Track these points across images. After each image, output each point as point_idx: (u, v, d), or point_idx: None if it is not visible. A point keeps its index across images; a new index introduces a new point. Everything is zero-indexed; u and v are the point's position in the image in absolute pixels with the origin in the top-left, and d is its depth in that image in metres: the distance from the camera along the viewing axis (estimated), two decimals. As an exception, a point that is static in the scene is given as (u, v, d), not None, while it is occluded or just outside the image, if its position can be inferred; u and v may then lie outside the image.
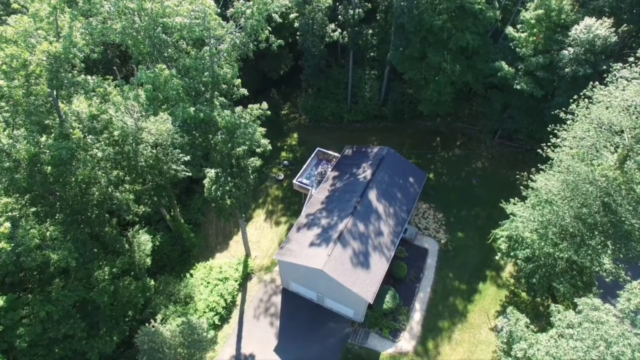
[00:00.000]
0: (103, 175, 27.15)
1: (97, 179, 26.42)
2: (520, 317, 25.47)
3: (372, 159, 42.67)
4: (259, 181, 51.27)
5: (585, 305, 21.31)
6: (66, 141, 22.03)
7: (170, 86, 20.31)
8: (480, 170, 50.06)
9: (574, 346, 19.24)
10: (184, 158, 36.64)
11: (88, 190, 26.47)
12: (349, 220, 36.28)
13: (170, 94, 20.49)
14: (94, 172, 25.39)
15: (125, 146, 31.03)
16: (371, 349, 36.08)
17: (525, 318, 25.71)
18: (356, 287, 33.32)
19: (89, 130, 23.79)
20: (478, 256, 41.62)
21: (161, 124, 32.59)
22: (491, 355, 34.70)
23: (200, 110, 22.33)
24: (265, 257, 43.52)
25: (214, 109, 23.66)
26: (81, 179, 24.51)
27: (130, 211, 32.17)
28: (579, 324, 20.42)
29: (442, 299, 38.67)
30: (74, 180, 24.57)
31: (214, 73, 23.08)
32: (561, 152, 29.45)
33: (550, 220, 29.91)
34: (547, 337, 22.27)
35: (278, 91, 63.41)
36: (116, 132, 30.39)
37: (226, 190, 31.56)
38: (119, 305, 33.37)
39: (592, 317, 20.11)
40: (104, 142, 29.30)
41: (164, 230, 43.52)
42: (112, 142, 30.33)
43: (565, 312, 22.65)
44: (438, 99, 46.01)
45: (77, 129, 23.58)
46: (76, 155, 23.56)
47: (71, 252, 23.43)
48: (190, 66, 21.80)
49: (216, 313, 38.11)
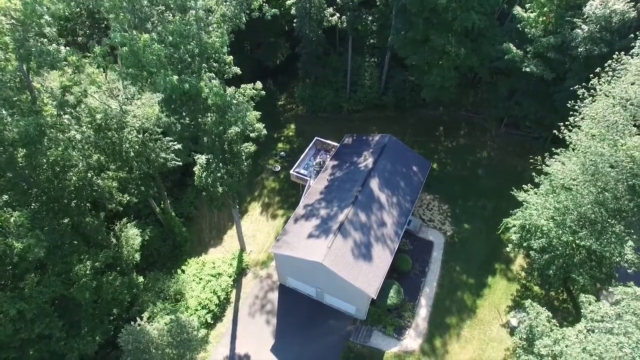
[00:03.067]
0: (80, 158, 24.71)
1: (73, 162, 23.98)
2: (541, 311, 23.22)
3: (373, 147, 40.40)
4: (255, 173, 48.98)
5: (623, 295, 19.02)
6: (34, 116, 19.65)
7: (150, 51, 18.01)
8: (486, 159, 47.86)
9: (618, 342, 16.90)
10: (175, 146, 34.36)
11: (64, 175, 24.05)
12: (350, 210, 33.98)
13: (149, 59, 18.15)
14: (67, 153, 22.95)
15: (108, 131, 28.67)
16: (374, 348, 33.78)
17: (547, 311, 23.46)
18: (358, 281, 31.01)
19: (60, 104, 21.37)
20: (486, 248, 39.39)
21: (148, 108, 30.24)
22: (504, 353, 32.47)
23: (185, 80, 20.01)
24: (261, 251, 41.16)
25: (201, 79, 21.31)
26: (53, 160, 22.08)
27: (113, 200, 29.74)
28: (618, 316, 18.17)
29: (449, 294, 36.41)
30: (45, 162, 22.14)
31: (201, 41, 20.75)
32: (580, 132, 27.26)
33: (567, 207, 27.71)
34: (576, 332, 20.04)
35: (274, 81, 61.09)
36: (98, 116, 28.07)
37: (218, 177, 29.23)
38: (103, 303, 30.97)
39: (635, 308, 17.75)
40: (85, 125, 26.96)
41: (154, 225, 41.10)
42: (95, 125, 28.02)
43: (599, 303, 20.39)
44: (441, 84, 43.75)
45: (50, 106, 21.16)
46: (47, 133, 21.17)
47: (40, 241, 21.00)
48: (175, 30, 19.46)
49: (209, 311, 35.71)
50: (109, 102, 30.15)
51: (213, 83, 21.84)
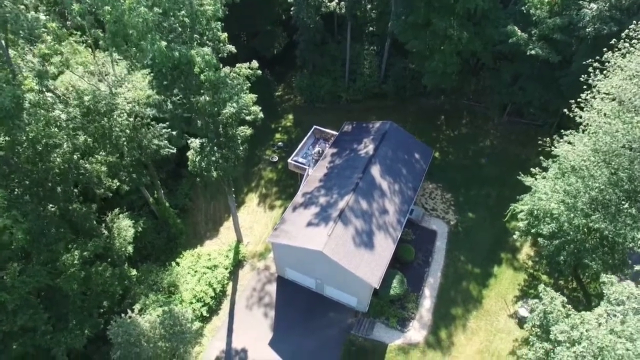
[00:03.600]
0: (64, 137, 23.24)
1: (56, 141, 22.50)
2: (555, 296, 21.91)
3: (374, 134, 39.05)
4: (252, 164, 47.63)
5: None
6: (10, 87, 18.19)
7: (136, 14, 16.58)
8: (489, 148, 46.61)
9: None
10: (167, 132, 32.95)
11: (47, 156, 22.58)
12: (351, 197, 32.62)
13: (135, 22, 16.70)
14: (49, 130, 21.47)
15: (97, 114, 27.25)
16: (377, 341, 32.46)
17: (561, 297, 22.18)
18: (360, 270, 29.67)
19: (39, 74, 19.89)
20: (491, 237, 38.12)
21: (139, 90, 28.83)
22: (512, 345, 31.20)
23: (175, 49, 18.62)
24: (259, 243, 39.75)
25: (192, 48, 19.89)
26: (33, 136, 20.63)
27: (102, 185, 28.27)
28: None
29: (454, 284, 35.12)
30: (25, 139, 20.68)
31: (192, 8, 19.32)
32: (592, 110, 26.00)
33: (578, 189, 26.44)
34: (595, 316, 18.78)
35: (272, 72, 59.64)
36: (86, 98, 26.63)
37: (212, 162, 27.83)
38: (92, 295, 29.54)
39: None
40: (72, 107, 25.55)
41: (148, 217, 39.63)
42: (83, 108, 26.61)
43: (623, 283, 19.09)
44: (443, 70, 42.42)
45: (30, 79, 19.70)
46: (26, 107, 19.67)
47: (17, 222, 19.54)
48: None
49: (204, 304, 34.31)
50: (98, 85, 28.81)
51: (205, 51, 20.44)
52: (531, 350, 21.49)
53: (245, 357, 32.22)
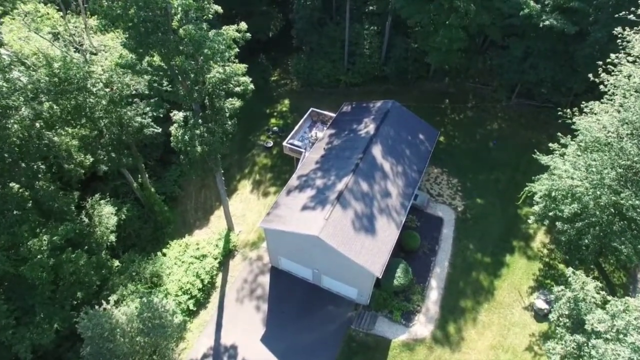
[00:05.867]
0: (22, 101, 20.39)
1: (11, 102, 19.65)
2: (588, 280, 19.07)
3: (374, 114, 36.24)
4: (245, 150, 44.85)
5: None
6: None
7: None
8: (497, 132, 43.81)
9: None
10: (150, 111, 30.22)
11: (3, 121, 19.72)
12: (350, 178, 29.80)
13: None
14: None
15: (69, 84, 24.46)
16: (380, 336, 29.64)
17: (594, 281, 19.36)
18: (360, 258, 26.83)
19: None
20: (502, 224, 35.30)
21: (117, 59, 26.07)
22: (528, 339, 28.37)
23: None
24: (251, 231, 36.91)
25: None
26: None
27: (72, 160, 25.38)
28: None
29: (462, 275, 32.29)
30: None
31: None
32: (620, 75, 23.22)
33: (604, 164, 23.65)
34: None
35: (267, 57, 56.79)
36: (56, 64, 23.87)
37: (196, 135, 25.01)
38: (65, 286, 26.69)
39: None
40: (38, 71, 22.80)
41: (132, 204, 36.82)
42: (51, 74, 23.84)
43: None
44: (448, 47, 39.64)
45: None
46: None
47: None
48: None
49: (191, 296, 31.46)
50: (70, 52, 26.05)
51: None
52: (559, 343, 18.65)
53: (235, 355, 29.38)
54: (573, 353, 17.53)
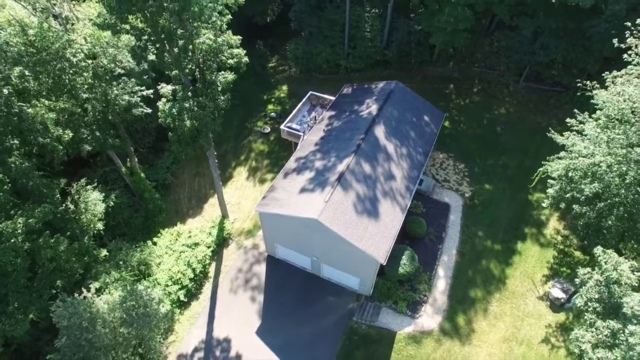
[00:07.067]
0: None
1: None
2: (621, 260, 17.07)
3: (377, 95, 34.25)
4: (241, 136, 42.90)
5: None
6: None
7: None
8: (504, 116, 41.82)
9: None
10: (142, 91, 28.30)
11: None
12: (352, 159, 27.81)
13: None
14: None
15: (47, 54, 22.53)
16: (384, 328, 27.65)
17: (629, 260, 17.37)
18: (363, 243, 24.84)
19: None
20: (512, 211, 33.31)
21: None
22: (544, 331, 26.35)
23: None
24: (247, 219, 34.91)
25: None
26: None
27: (48, 134, 23.35)
28: None
29: (471, 263, 30.30)
30: None
31: None
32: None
33: (630, 139, 21.69)
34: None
35: (265, 43, 54.86)
36: (31, 32, 21.96)
37: (185, 108, 23.01)
38: (44, 273, 24.68)
39: None
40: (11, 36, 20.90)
41: (122, 191, 34.85)
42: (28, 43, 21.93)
43: None
44: (454, 26, 37.69)
45: None
46: None
47: None
48: None
49: (182, 286, 29.48)
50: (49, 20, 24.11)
51: None
52: (589, 331, 16.63)
53: (228, 348, 27.37)
54: (606, 341, 15.57)
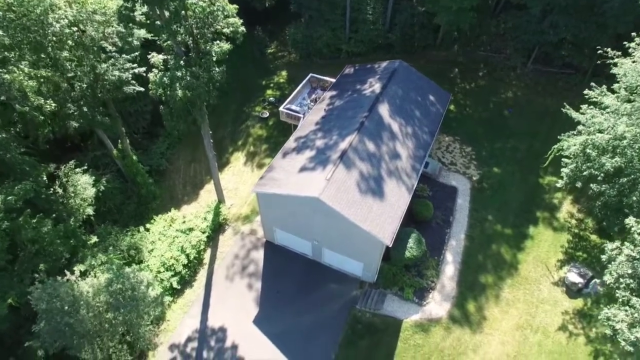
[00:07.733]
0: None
1: None
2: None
3: (380, 74, 32.67)
4: (239, 121, 41.28)
5: None
6: None
7: None
8: (512, 100, 40.24)
9: None
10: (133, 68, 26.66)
11: None
12: (355, 137, 26.21)
13: None
14: None
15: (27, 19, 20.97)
16: (389, 316, 26.06)
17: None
18: (368, 223, 23.24)
19: None
20: (522, 194, 31.73)
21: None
22: (561, 318, 24.76)
23: None
24: (244, 205, 33.31)
25: None
26: None
27: (27, 102, 21.72)
28: None
29: (481, 248, 28.71)
30: None
31: None
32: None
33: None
34: None
35: (264, 29, 53.29)
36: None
37: (177, 77, 21.41)
38: (26, 256, 23.07)
39: None
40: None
41: (114, 176, 33.30)
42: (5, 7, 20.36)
43: None
44: (460, 5, 36.18)
45: None
46: None
47: None
48: None
49: (175, 273, 27.87)
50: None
51: None
52: (622, 309, 15.07)
53: (224, 338, 25.76)
54: None
